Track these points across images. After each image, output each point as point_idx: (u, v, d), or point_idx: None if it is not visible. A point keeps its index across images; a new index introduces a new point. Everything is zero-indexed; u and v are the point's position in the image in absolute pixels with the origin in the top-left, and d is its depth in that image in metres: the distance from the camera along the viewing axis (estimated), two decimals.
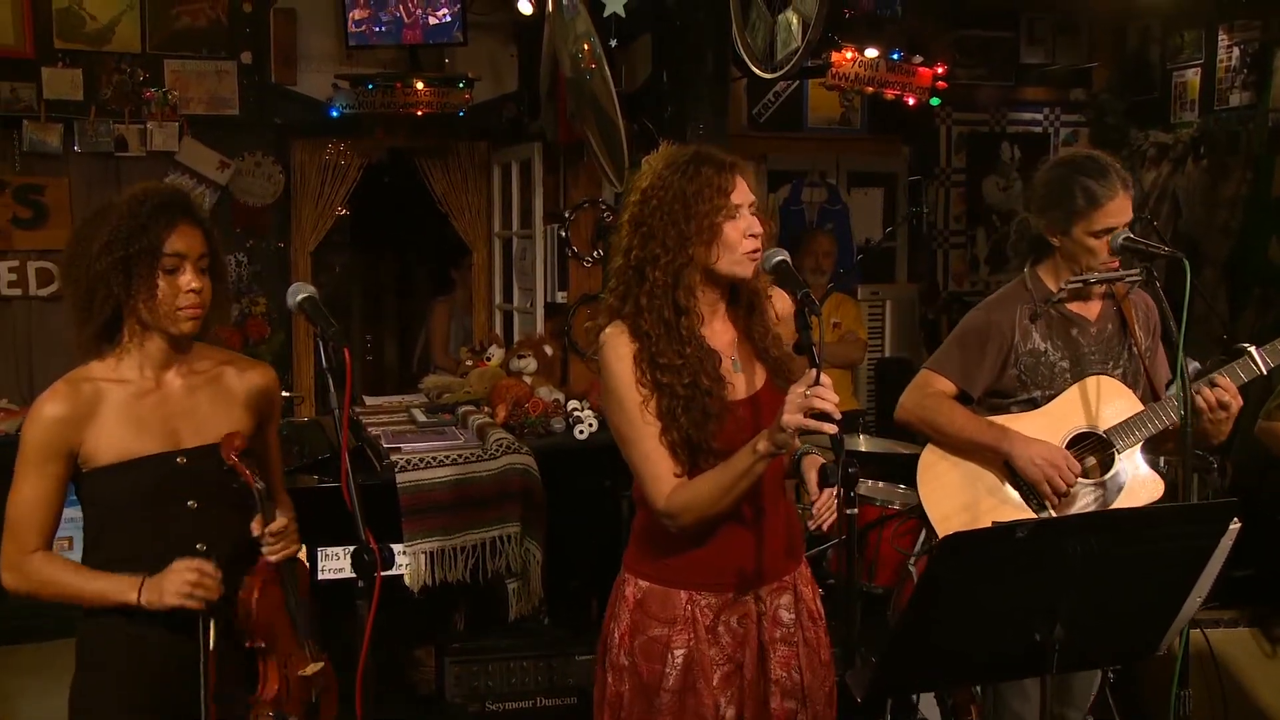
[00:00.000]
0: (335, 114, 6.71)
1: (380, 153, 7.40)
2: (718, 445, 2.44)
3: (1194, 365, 3.96)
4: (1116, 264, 3.08)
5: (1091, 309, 3.21)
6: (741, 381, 2.54)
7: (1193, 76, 7.00)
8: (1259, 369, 3.01)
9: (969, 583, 2.12)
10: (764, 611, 2.58)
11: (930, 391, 3.21)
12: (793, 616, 2.61)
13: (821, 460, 2.53)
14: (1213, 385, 2.95)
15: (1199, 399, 2.94)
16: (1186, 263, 2.85)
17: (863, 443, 4.91)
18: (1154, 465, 3.15)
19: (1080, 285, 3.13)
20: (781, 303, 2.63)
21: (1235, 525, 2.38)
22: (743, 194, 2.46)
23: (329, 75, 6.79)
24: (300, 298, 2.32)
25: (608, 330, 2.52)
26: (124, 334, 2.47)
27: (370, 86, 6.53)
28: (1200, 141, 6.87)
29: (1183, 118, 7.08)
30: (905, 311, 7.83)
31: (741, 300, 2.58)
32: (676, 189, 2.45)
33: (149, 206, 2.40)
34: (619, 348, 2.48)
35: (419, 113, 6.62)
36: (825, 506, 2.44)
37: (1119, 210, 3.04)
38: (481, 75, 6.86)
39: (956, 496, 3.15)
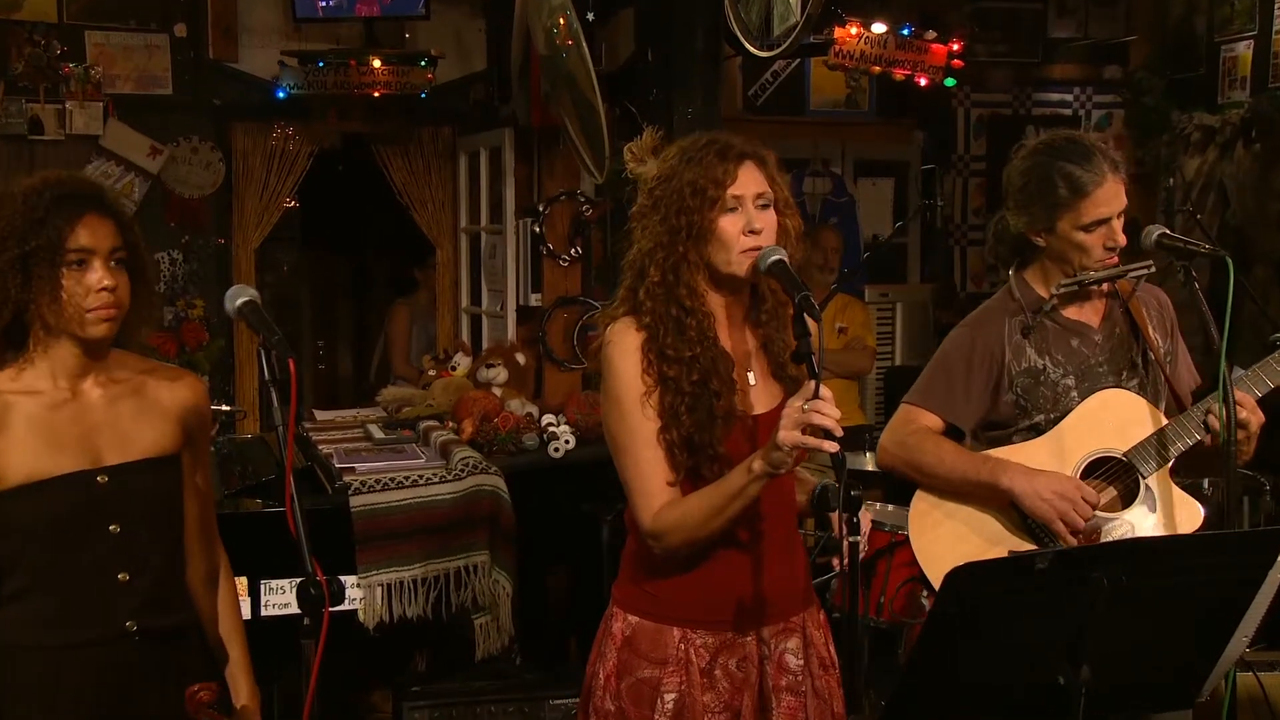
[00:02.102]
0: (282, 95, 6.71)
1: (333, 138, 7.39)
2: (724, 450, 2.46)
3: (1240, 373, 3.99)
4: (1115, 260, 2.97)
5: (1093, 313, 3.09)
6: (755, 396, 2.56)
7: (1244, 50, 6.99)
8: None
9: (982, 621, 2.13)
10: (767, 655, 2.58)
11: (912, 429, 3.08)
12: (801, 663, 2.61)
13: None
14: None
15: (1211, 419, 2.86)
16: (1230, 262, 2.84)
17: (869, 461, 4.92)
18: (1189, 489, 3.05)
19: (1075, 288, 3.01)
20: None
21: None
22: (747, 186, 2.48)
23: (274, 51, 6.78)
24: (240, 302, 2.31)
25: (615, 325, 2.55)
26: (29, 340, 2.44)
27: (321, 64, 6.52)
28: (1251, 124, 6.85)
29: (1232, 97, 7.07)
30: (918, 315, 7.86)
31: (765, 310, 2.60)
32: (677, 178, 2.49)
33: (49, 197, 2.37)
34: (625, 341, 2.51)
35: (376, 94, 6.62)
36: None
37: (1109, 197, 2.93)
38: (446, 53, 6.86)
39: (955, 551, 2.99)
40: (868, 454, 4.98)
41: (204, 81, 6.83)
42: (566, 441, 4.96)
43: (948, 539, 3.04)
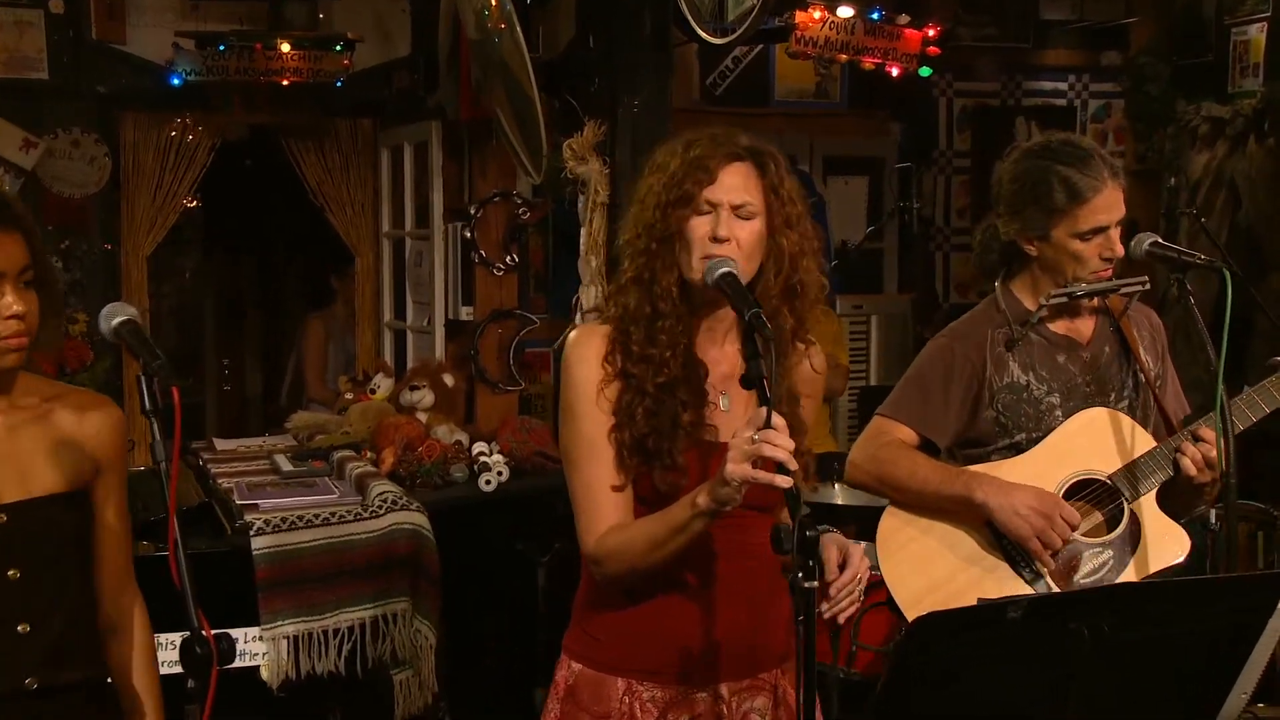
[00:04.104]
0: (177, 82, 6.66)
1: (239, 131, 7.35)
2: (683, 460, 2.48)
3: (1238, 397, 4.08)
4: (1109, 273, 3.11)
5: (1082, 329, 3.24)
6: (726, 425, 2.55)
7: (1257, 34, 7.05)
8: None
9: (951, 675, 2.15)
10: (726, 715, 2.58)
11: (885, 441, 3.22)
12: None
13: (837, 534, 2.55)
14: (1196, 440, 3.00)
15: (1183, 460, 3.00)
16: (1228, 274, 2.92)
17: (839, 494, 4.93)
18: (1190, 522, 3.18)
19: (1065, 299, 3.14)
20: (817, 360, 2.68)
21: None
22: (728, 191, 2.49)
23: (168, 32, 6.73)
24: (117, 322, 2.29)
25: (578, 329, 2.63)
26: None
27: (222, 48, 6.48)
28: (1265, 115, 6.94)
29: (1244, 85, 7.14)
30: (896, 329, 7.90)
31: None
32: (664, 168, 2.54)
33: None
34: (586, 346, 2.56)
35: (285, 82, 6.59)
36: (843, 591, 2.44)
37: (1108, 205, 3.07)
38: (364, 36, 6.84)
39: (927, 571, 3.14)
40: (837, 486, 5.00)
41: (86, 65, 6.74)
42: (499, 473, 4.97)
43: (919, 558, 3.15)
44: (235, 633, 3.96)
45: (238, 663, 4.01)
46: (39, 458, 2.50)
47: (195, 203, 8.53)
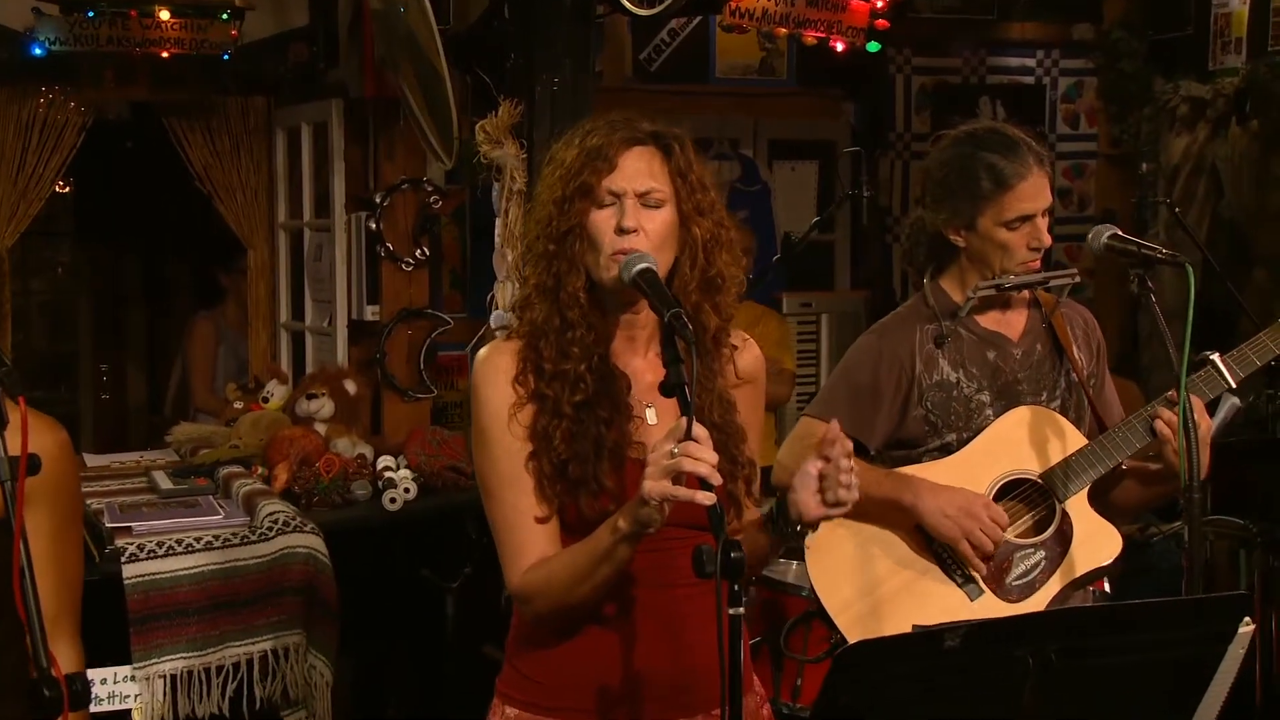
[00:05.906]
0: (39, 52, 6.54)
1: (116, 108, 7.26)
2: (610, 484, 2.49)
3: (1233, 402, 4.16)
4: (1038, 264, 3.30)
5: (1013, 324, 3.42)
6: (652, 436, 2.55)
7: (1239, 6, 7.15)
8: (1225, 381, 3.23)
9: (885, 713, 2.17)
10: None
11: (812, 443, 3.26)
12: None
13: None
14: (1172, 405, 3.11)
15: (1159, 424, 3.14)
16: (1190, 270, 2.99)
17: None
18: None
19: (993, 290, 3.32)
20: (749, 357, 2.72)
21: (1247, 628, 2.45)
22: (631, 179, 2.52)
23: None
24: None
25: (485, 347, 2.62)
26: None
27: (90, 14, 6.39)
28: (1248, 95, 7.03)
29: (1225, 63, 7.24)
30: (848, 329, 7.89)
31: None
32: (558, 162, 2.57)
33: None
34: (496, 364, 2.57)
35: (165, 54, 6.50)
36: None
37: (1034, 192, 3.26)
38: (255, 3, 6.80)
39: (856, 575, 3.30)
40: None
41: None
42: (406, 490, 4.96)
43: (847, 562, 3.32)
44: (104, 672, 3.98)
45: (107, 706, 4.01)
46: None
47: (66, 188, 8.42)
